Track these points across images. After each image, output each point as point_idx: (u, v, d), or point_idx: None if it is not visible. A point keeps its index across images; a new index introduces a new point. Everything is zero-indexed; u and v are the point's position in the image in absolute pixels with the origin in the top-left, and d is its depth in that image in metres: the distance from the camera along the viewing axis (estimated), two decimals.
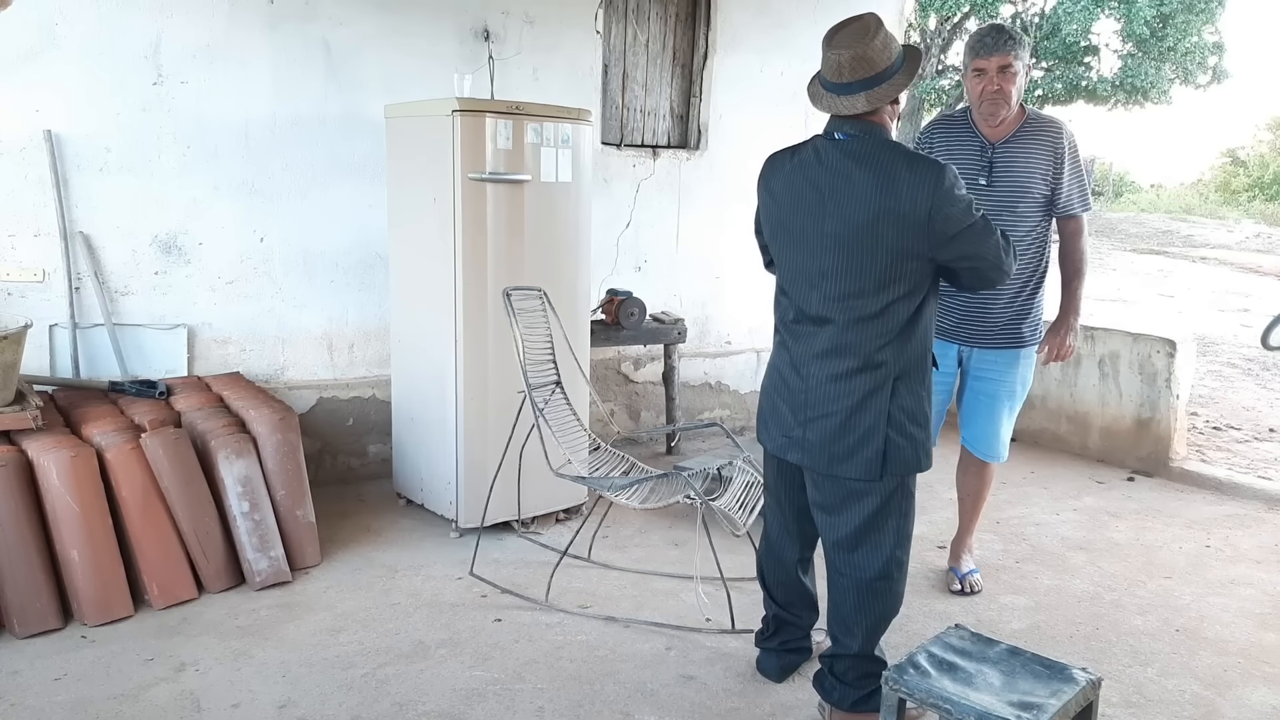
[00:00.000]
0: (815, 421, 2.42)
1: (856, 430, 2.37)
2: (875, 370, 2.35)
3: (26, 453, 3.00)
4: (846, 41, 2.30)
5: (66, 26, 3.67)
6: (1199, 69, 18.51)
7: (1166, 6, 17.45)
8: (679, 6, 5.23)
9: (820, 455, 2.44)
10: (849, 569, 2.50)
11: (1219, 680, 2.91)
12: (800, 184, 2.39)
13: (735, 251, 5.45)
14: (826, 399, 2.40)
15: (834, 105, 2.35)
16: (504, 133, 3.58)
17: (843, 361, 2.37)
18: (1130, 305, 10.75)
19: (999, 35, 3.17)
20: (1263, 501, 4.58)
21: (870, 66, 2.28)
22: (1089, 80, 18.86)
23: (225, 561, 3.26)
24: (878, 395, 2.36)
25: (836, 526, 2.50)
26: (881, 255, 2.28)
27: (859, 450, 2.38)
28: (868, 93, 2.29)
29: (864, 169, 2.28)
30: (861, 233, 2.28)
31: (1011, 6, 19.41)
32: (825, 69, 2.35)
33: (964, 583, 3.49)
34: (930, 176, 2.23)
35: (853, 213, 2.29)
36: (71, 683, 2.68)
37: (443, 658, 2.90)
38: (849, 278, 2.32)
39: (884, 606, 2.53)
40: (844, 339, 2.36)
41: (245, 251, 4.13)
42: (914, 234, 2.25)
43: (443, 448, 3.79)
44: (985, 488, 3.57)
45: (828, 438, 2.41)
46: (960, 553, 3.58)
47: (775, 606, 2.81)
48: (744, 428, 5.63)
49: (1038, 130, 3.26)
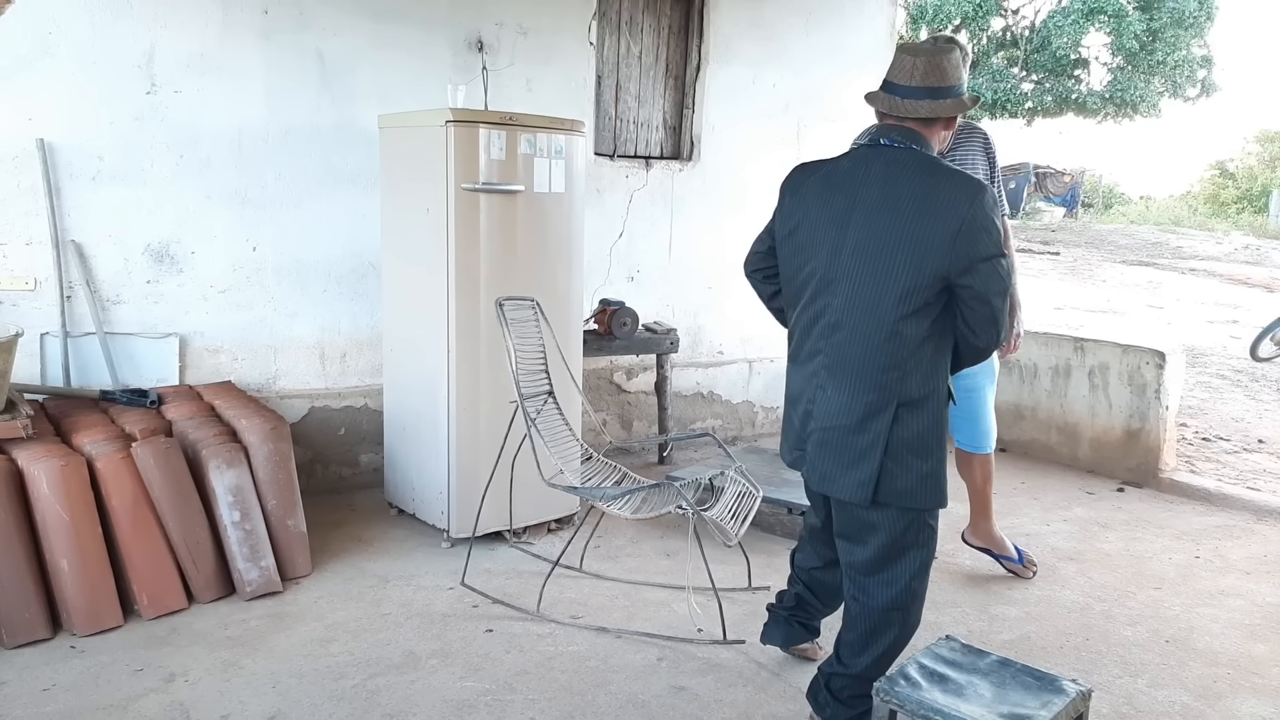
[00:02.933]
0: (815, 434, 2.41)
1: (851, 450, 2.34)
2: (879, 391, 2.29)
3: (16, 462, 2.99)
4: (925, 50, 2.34)
5: (60, 35, 3.67)
6: (1188, 82, 18.66)
7: (1156, 20, 17.60)
8: (672, 18, 5.26)
9: (813, 472, 2.43)
10: (863, 595, 2.48)
11: (1209, 691, 2.92)
12: (829, 191, 2.36)
13: (728, 262, 5.45)
14: (826, 414, 2.37)
15: (894, 106, 2.33)
16: (497, 143, 3.59)
17: (846, 378, 2.32)
18: (1120, 316, 10.80)
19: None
20: (1251, 512, 4.60)
21: (942, 77, 2.31)
22: (1079, 93, 19.00)
23: (215, 571, 3.25)
24: (878, 418, 2.30)
25: (852, 553, 2.47)
26: (899, 267, 2.22)
27: (851, 471, 2.34)
28: (932, 101, 2.30)
29: (907, 175, 2.27)
30: (885, 240, 2.24)
31: (1001, 19, 19.55)
32: (896, 72, 2.35)
33: (1026, 561, 3.68)
34: (971, 189, 2.22)
35: (881, 220, 2.25)
36: (60, 693, 2.66)
37: (434, 668, 2.89)
38: (864, 288, 2.27)
39: (896, 636, 2.49)
40: (849, 354, 2.31)
41: (238, 261, 4.13)
42: (940, 246, 2.19)
43: (435, 457, 3.79)
44: (990, 476, 3.66)
45: (823, 453, 2.39)
46: (999, 537, 3.69)
47: (801, 586, 2.83)
48: (736, 438, 5.64)
49: (969, 137, 3.40)
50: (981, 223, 2.19)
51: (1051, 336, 5.53)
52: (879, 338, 2.27)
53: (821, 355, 2.37)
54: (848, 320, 2.31)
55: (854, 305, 2.29)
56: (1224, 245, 18.38)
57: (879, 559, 2.43)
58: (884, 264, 2.24)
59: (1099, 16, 17.66)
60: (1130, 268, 15.46)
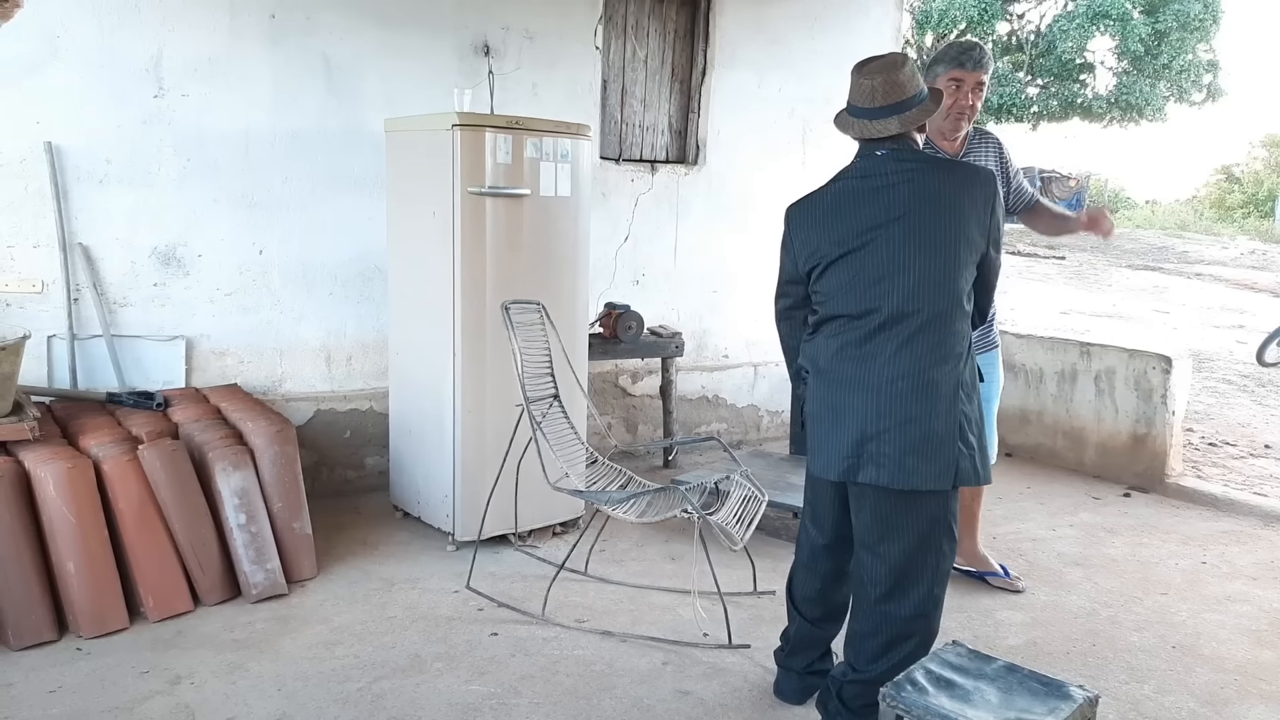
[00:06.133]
0: (887, 434, 2.34)
1: (932, 438, 2.32)
2: (950, 374, 2.33)
3: (23, 464, 2.99)
4: (878, 69, 2.39)
5: (68, 39, 3.69)
6: (1194, 86, 18.65)
7: (1161, 24, 17.59)
8: (678, 23, 5.27)
9: (888, 469, 2.34)
10: (884, 606, 2.45)
11: (1216, 697, 2.91)
12: (853, 204, 2.39)
13: (733, 266, 5.48)
14: (901, 407, 2.33)
15: (866, 130, 2.40)
16: (503, 147, 3.59)
17: (924, 365, 2.33)
18: (1126, 321, 10.79)
19: (983, 53, 3.23)
20: (1258, 518, 4.59)
21: (901, 91, 2.37)
22: (1084, 97, 19.00)
23: (221, 574, 3.25)
24: (950, 402, 2.33)
25: (877, 559, 2.44)
26: (956, 248, 2.33)
27: (934, 460, 2.32)
28: (899, 116, 2.37)
29: (925, 169, 2.38)
30: (936, 226, 2.32)
31: (1007, 24, 19.55)
32: (856, 96, 2.41)
33: (1012, 577, 3.65)
34: (984, 172, 2.42)
35: (924, 210, 2.33)
36: (66, 695, 2.67)
37: (439, 671, 2.89)
38: (929, 275, 2.32)
39: (918, 644, 2.47)
40: (923, 342, 2.33)
41: (244, 264, 4.14)
42: (980, 224, 2.35)
43: (440, 461, 3.79)
44: (980, 494, 3.64)
45: (902, 448, 2.32)
46: (982, 555, 3.67)
47: (802, 621, 2.74)
48: (741, 441, 5.63)
49: (983, 141, 3.40)
50: (1000, 201, 2.43)
51: (1057, 341, 5.52)
52: (952, 324, 2.36)
53: (894, 353, 2.34)
54: (920, 309, 2.33)
55: (928, 298, 2.34)
56: (1230, 250, 18.34)
57: (904, 562, 2.42)
58: (945, 252, 2.33)
59: (1104, 20, 17.67)
60: (1136, 272, 15.45)
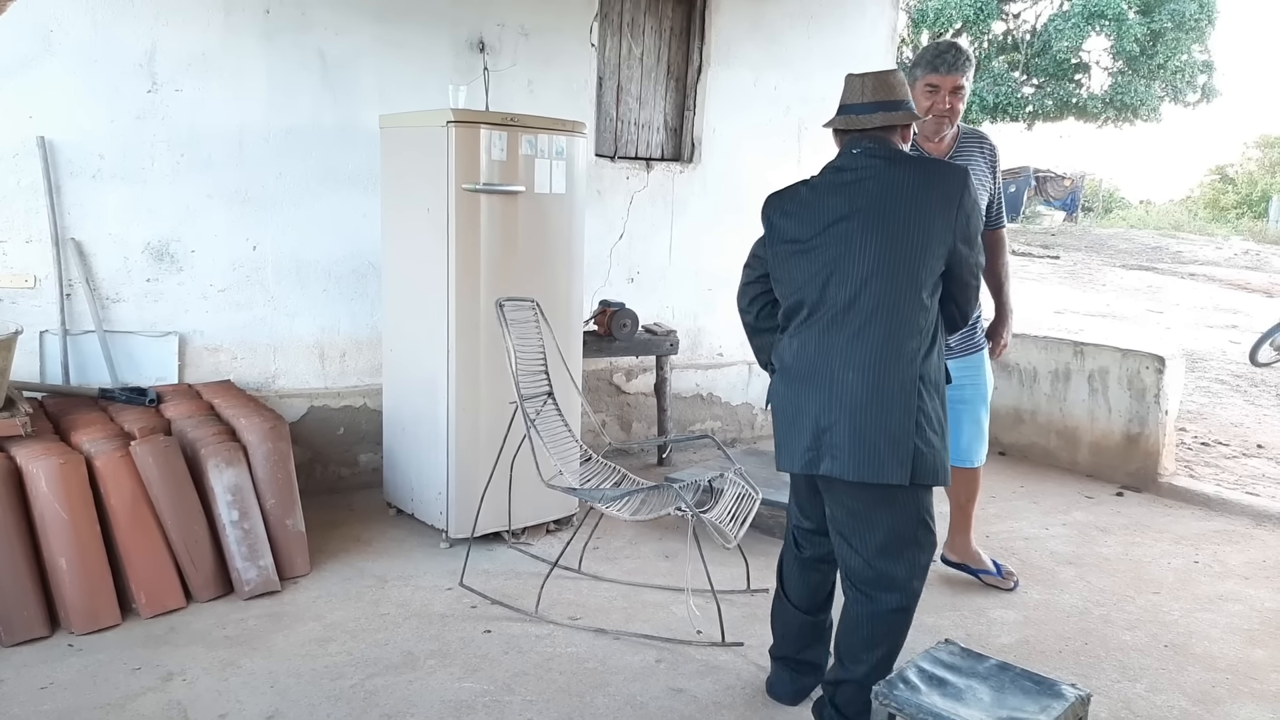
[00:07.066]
0: (840, 426, 2.36)
1: (886, 433, 2.33)
2: (908, 370, 2.34)
3: (15, 460, 2.98)
4: (871, 71, 2.54)
5: (62, 34, 3.67)
6: (1189, 87, 18.68)
7: (1156, 24, 17.62)
8: (673, 21, 5.26)
9: (845, 463, 2.36)
10: (865, 599, 2.47)
11: (1207, 696, 2.92)
12: (823, 198, 2.45)
13: (728, 264, 5.45)
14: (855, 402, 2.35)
15: (850, 121, 2.50)
16: (498, 144, 3.59)
17: (876, 360, 2.34)
18: (1119, 321, 10.82)
19: (958, 54, 3.16)
20: (1250, 517, 4.60)
21: (890, 92, 2.48)
22: (1079, 97, 19.02)
23: (214, 570, 3.25)
24: (908, 397, 2.34)
25: (853, 554, 2.47)
26: (918, 246, 2.35)
27: (892, 454, 2.32)
28: (885, 113, 2.46)
29: (898, 167, 2.41)
30: (900, 223, 2.35)
31: (1003, 23, 19.58)
32: (848, 94, 2.52)
33: (1004, 573, 3.63)
34: (959, 171, 2.44)
35: (890, 207, 2.36)
36: (58, 692, 2.66)
37: (432, 669, 2.89)
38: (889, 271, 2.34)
39: (898, 639, 2.50)
40: (877, 335, 2.34)
41: (238, 260, 4.12)
42: (947, 222, 2.36)
43: (434, 458, 3.79)
44: (975, 493, 3.63)
45: (858, 441, 2.34)
46: (975, 551, 3.66)
47: (789, 606, 2.75)
48: (735, 439, 5.64)
49: (972, 142, 3.35)
50: (971, 195, 2.42)
51: (1051, 340, 5.53)
52: (907, 317, 2.37)
53: (846, 345, 2.37)
54: (871, 300, 2.36)
55: (881, 290, 2.36)
56: (1224, 250, 18.39)
57: (882, 556, 2.43)
58: (905, 245, 2.35)
59: (1099, 20, 17.69)
60: (1130, 272, 15.48)
